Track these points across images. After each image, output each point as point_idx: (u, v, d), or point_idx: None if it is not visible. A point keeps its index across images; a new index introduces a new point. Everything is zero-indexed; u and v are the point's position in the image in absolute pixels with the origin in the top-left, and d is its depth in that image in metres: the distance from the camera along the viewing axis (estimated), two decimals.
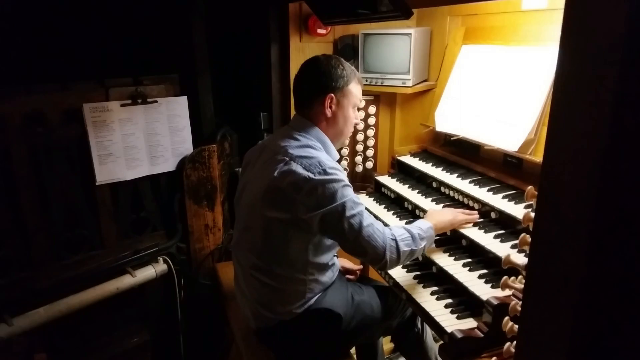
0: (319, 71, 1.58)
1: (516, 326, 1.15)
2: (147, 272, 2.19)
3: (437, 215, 1.70)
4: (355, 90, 1.62)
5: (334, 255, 1.74)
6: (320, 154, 1.52)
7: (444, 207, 1.81)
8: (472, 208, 1.77)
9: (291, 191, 1.45)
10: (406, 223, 1.75)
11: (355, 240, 1.47)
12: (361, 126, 2.34)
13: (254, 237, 1.59)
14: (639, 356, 0.72)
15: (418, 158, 2.17)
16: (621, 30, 0.54)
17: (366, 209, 2.08)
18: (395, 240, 1.51)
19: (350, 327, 1.69)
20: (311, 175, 1.43)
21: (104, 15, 2.16)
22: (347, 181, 1.50)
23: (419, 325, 1.95)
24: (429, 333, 1.99)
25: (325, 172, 1.45)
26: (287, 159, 1.49)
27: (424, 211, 1.83)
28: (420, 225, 1.61)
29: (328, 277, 1.67)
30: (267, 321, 1.64)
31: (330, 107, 1.58)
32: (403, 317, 1.89)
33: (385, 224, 1.83)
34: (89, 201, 2.05)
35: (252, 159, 1.69)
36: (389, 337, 2.54)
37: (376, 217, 2.01)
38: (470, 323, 1.42)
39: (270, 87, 2.32)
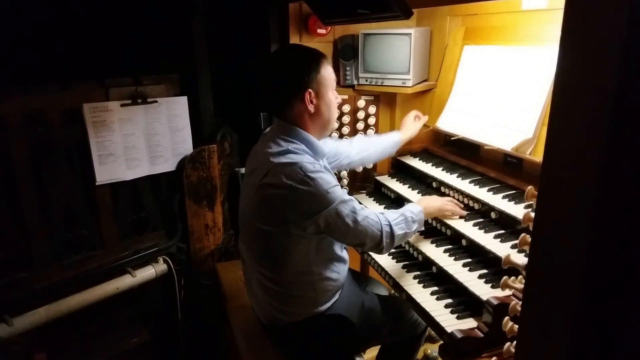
0: (287, 70, 1.50)
1: (516, 326, 1.15)
2: (147, 272, 2.20)
3: (427, 201, 1.75)
4: (327, 73, 1.53)
5: (344, 249, 1.72)
6: (302, 158, 1.45)
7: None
8: (472, 208, 1.77)
9: (278, 203, 1.43)
10: None
11: (353, 235, 1.49)
12: (339, 100, 2.27)
13: (255, 249, 1.59)
14: (639, 356, 0.72)
15: (418, 158, 2.18)
16: (621, 30, 0.54)
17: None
18: (389, 225, 1.55)
19: (359, 335, 1.69)
20: (294, 183, 1.39)
21: (103, 15, 2.16)
22: (333, 181, 1.46)
23: (416, 349, 1.95)
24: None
25: (308, 178, 1.40)
26: (269, 168, 1.45)
27: None
28: (412, 209, 1.64)
29: (336, 272, 1.63)
30: (279, 321, 1.64)
31: (312, 102, 1.50)
32: (410, 334, 1.86)
33: None
34: (89, 201, 2.06)
35: (246, 167, 1.67)
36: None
37: None
38: (470, 323, 1.42)
39: None
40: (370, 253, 1.87)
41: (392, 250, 1.85)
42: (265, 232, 1.49)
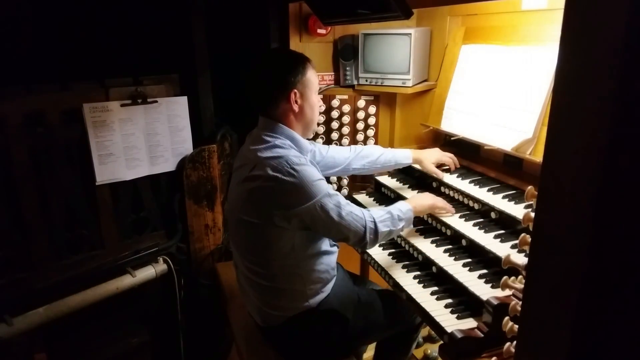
0: (275, 71, 1.57)
1: (516, 326, 1.15)
2: (147, 272, 2.19)
3: (418, 199, 1.78)
4: (312, 77, 1.61)
5: (333, 245, 1.74)
6: (288, 152, 1.52)
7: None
8: (472, 208, 1.78)
9: (263, 194, 1.48)
10: None
11: (337, 230, 1.53)
12: (322, 108, 2.31)
13: (242, 243, 1.63)
14: (638, 356, 0.72)
15: None
16: (621, 30, 0.54)
17: (364, 207, 2.09)
18: (374, 222, 1.58)
19: (355, 331, 1.69)
20: (280, 175, 1.44)
21: (103, 15, 2.16)
22: (318, 175, 1.51)
23: (413, 340, 1.96)
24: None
25: (294, 170, 1.45)
26: (256, 162, 1.50)
27: None
28: (400, 207, 1.67)
29: (325, 264, 1.65)
30: (273, 319, 1.65)
31: (297, 102, 1.57)
32: (407, 326, 1.87)
33: None
34: (89, 201, 2.05)
35: (234, 165, 1.72)
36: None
37: None
38: (470, 323, 1.42)
39: None
40: (370, 252, 1.87)
41: (392, 250, 1.86)
42: (251, 224, 1.53)
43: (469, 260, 1.60)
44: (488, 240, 1.58)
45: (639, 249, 0.65)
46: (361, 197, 2.25)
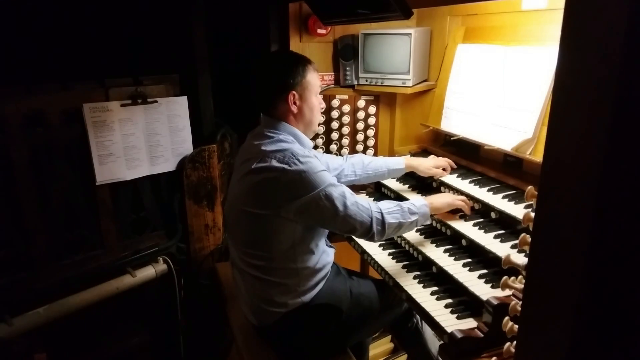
0: (274, 73, 1.62)
1: (516, 326, 1.15)
2: (147, 272, 2.20)
3: (437, 196, 1.78)
4: (313, 79, 1.65)
5: (329, 246, 1.77)
6: (292, 145, 1.57)
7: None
8: (472, 208, 1.78)
9: (269, 186, 1.51)
10: None
11: (342, 220, 1.54)
12: (323, 108, 2.31)
13: (242, 236, 1.65)
14: (638, 357, 0.72)
15: None
16: (621, 30, 0.54)
17: None
18: (381, 213, 1.58)
19: (350, 322, 1.71)
20: (287, 167, 1.48)
21: (103, 15, 2.16)
22: (322, 166, 1.55)
23: (417, 317, 1.96)
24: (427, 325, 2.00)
25: (300, 162, 1.49)
26: (262, 155, 1.54)
27: None
28: (414, 202, 1.68)
29: (320, 263, 1.67)
30: (267, 317, 1.66)
31: (295, 103, 1.61)
32: (401, 308, 1.89)
33: None
34: (89, 201, 2.05)
35: (236, 162, 1.74)
36: (388, 338, 2.55)
37: None
38: (470, 323, 1.42)
39: None
40: (370, 252, 1.87)
41: (392, 250, 1.86)
42: (254, 215, 1.55)
43: (469, 260, 1.60)
44: (488, 240, 1.58)
45: (638, 248, 0.65)
46: (361, 197, 2.25)
